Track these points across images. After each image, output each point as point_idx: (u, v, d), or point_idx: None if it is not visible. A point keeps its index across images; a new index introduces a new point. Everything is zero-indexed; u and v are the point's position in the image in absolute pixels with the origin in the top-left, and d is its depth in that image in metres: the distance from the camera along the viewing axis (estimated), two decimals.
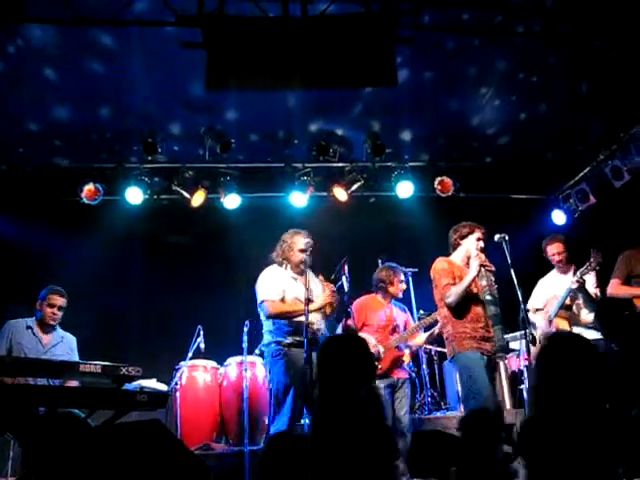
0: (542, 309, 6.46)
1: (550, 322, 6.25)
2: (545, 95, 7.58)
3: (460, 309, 5.25)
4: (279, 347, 5.42)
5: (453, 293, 5.21)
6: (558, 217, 9.01)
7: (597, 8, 6.14)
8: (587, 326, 6.22)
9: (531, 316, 6.47)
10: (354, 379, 3.49)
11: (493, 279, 5.31)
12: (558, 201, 9.09)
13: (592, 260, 6.03)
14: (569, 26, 6.40)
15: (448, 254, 5.65)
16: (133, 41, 6.21)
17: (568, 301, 6.17)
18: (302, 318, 5.19)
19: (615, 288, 6.28)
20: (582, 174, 8.61)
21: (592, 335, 6.12)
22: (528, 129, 8.02)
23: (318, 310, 5.43)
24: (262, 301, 5.53)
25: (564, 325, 6.16)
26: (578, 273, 6.09)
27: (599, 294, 6.25)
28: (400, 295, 6.43)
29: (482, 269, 5.24)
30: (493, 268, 5.30)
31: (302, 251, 5.54)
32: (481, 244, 5.44)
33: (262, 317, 5.64)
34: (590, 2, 6.16)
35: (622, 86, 7.03)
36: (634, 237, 7.20)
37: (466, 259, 5.45)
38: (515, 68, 7.16)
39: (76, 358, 5.99)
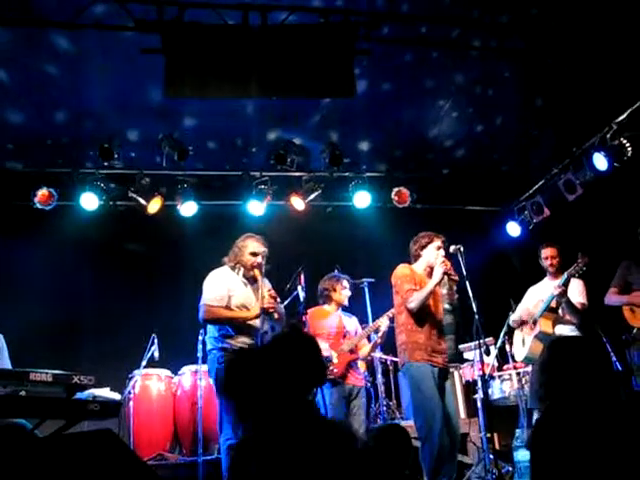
0: (528, 314, 6.53)
1: (534, 323, 6.31)
2: (501, 108, 7.71)
3: (417, 319, 5.26)
4: (224, 354, 5.24)
5: (416, 298, 5.21)
6: (513, 229, 9.14)
7: (550, 27, 6.28)
8: (571, 324, 6.26)
9: (517, 315, 6.56)
10: (303, 379, 3.46)
11: (455, 289, 5.34)
12: (513, 213, 9.21)
13: (579, 262, 6.11)
14: (523, 42, 6.52)
15: (407, 263, 5.66)
16: (91, 45, 6.16)
17: (554, 304, 6.23)
18: (255, 322, 5.15)
19: (607, 296, 6.44)
20: (536, 187, 8.75)
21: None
22: (484, 141, 8.15)
23: (256, 318, 5.28)
24: (201, 304, 5.38)
25: (547, 326, 6.19)
26: (565, 274, 6.15)
27: (586, 303, 6.29)
28: (345, 302, 6.43)
29: (445, 277, 5.27)
30: (457, 278, 5.32)
31: (253, 254, 5.43)
32: (441, 253, 5.45)
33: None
34: (543, 21, 6.30)
35: (575, 102, 7.18)
36: (587, 249, 7.35)
37: (428, 269, 5.46)
38: (472, 81, 7.28)
39: (5, 355, 5.77)
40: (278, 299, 5.40)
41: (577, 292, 6.28)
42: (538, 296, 6.46)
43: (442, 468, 4.81)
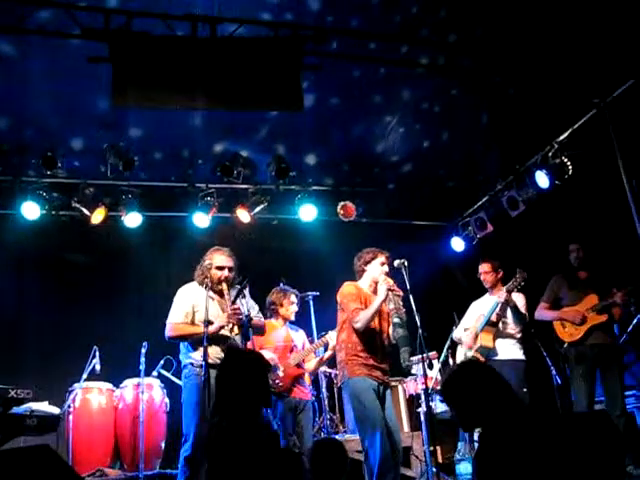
0: (469, 328, 6.60)
1: (476, 337, 6.38)
2: (447, 125, 7.83)
3: (361, 336, 5.26)
4: (192, 368, 5.30)
5: (362, 318, 5.20)
6: (457, 244, 9.28)
7: (495, 47, 6.42)
8: (512, 338, 6.35)
9: (460, 335, 6.62)
10: (250, 394, 3.49)
11: (401, 303, 5.37)
12: (457, 228, 9.36)
13: (517, 277, 6.23)
14: (470, 61, 6.65)
15: (353, 278, 5.67)
16: (35, 51, 6.03)
17: (494, 318, 6.31)
18: (236, 337, 5.25)
19: (537, 311, 6.59)
20: (480, 203, 8.91)
21: (514, 352, 6.29)
22: (430, 157, 8.25)
23: (218, 331, 5.30)
24: (167, 322, 5.42)
25: (488, 340, 6.28)
26: (504, 288, 6.27)
27: (527, 315, 6.42)
28: (292, 317, 6.42)
29: (390, 293, 5.29)
30: (401, 292, 5.34)
31: (219, 268, 5.44)
32: (385, 268, 5.47)
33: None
34: (489, 41, 6.44)
35: (519, 120, 7.34)
36: (528, 264, 7.50)
37: (373, 285, 5.47)
38: (419, 98, 7.37)
39: None
40: (241, 313, 5.36)
41: (520, 306, 6.40)
42: (480, 311, 6.56)
43: (387, 476, 4.82)
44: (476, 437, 6.17)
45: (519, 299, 6.44)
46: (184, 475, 4.99)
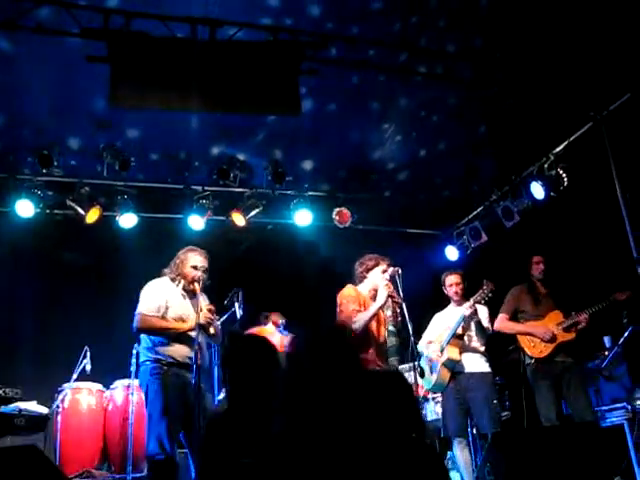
0: (434, 341, 6.57)
1: (442, 351, 6.36)
2: (444, 134, 7.85)
3: (359, 340, 5.26)
4: (157, 365, 5.08)
5: (361, 319, 5.22)
6: (451, 253, 9.28)
7: (494, 57, 6.45)
8: (476, 352, 6.34)
9: (423, 348, 6.58)
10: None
11: (398, 311, 5.37)
12: (452, 237, 9.36)
13: (485, 288, 6.22)
14: (468, 71, 6.67)
15: (347, 283, 5.66)
16: (34, 49, 6.02)
17: (460, 331, 6.30)
18: (192, 334, 5.04)
19: (500, 323, 6.53)
20: (475, 212, 8.93)
21: (481, 365, 6.28)
22: (427, 166, 8.26)
23: (191, 331, 5.11)
24: (137, 313, 5.23)
25: (454, 352, 6.26)
26: (471, 300, 6.25)
27: (490, 327, 6.41)
28: (282, 320, 6.44)
29: (389, 300, 5.30)
30: (400, 300, 5.35)
31: (194, 268, 5.34)
32: (387, 276, 5.47)
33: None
34: (488, 52, 6.46)
35: (516, 132, 7.36)
36: (522, 275, 7.51)
37: (373, 291, 5.47)
38: (417, 106, 7.39)
39: None
40: (216, 315, 5.34)
41: (484, 317, 6.39)
42: (444, 323, 6.52)
43: None
44: (458, 450, 6.14)
45: (482, 311, 6.42)
46: None
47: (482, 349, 6.33)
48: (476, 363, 6.28)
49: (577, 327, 6.24)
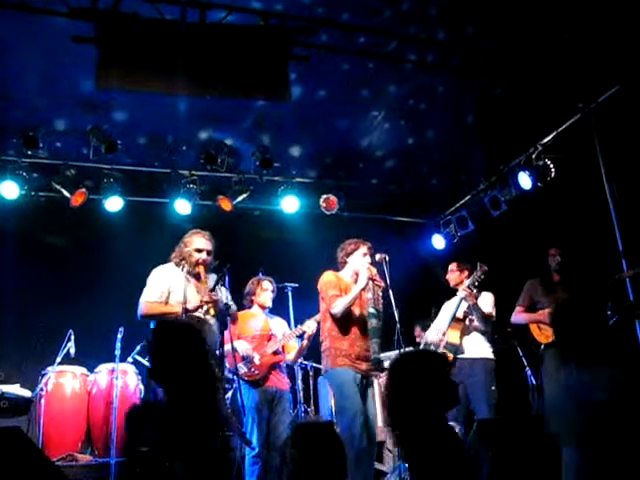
0: (438, 327, 6.60)
1: (443, 334, 6.38)
2: (432, 123, 7.84)
3: (342, 325, 5.27)
4: None
5: (340, 304, 5.22)
6: (438, 241, 9.31)
7: (485, 46, 6.44)
8: (478, 337, 6.35)
9: (432, 336, 6.61)
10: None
11: (380, 294, 5.38)
12: (439, 226, 9.38)
13: (477, 271, 6.27)
14: (458, 60, 6.66)
15: (333, 270, 5.66)
16: (19, 28, 5.93)
17: (461, 315, 6.32)
18: (211, 319, 5.13)
19: (514, 315, 6.65)
20: (463, 201, 8.95)
21: (484, 351, 6.29)
22: (415, 154, 8.26)
23: (195, 311, 5.21)
24: (140, 301, 5.31)
25: (455, 336, 6.27)
26: (466, 282, 6.30)
27: (493, 314, 6.41)
28: (268, 304, 6.40)
29: (370, 282, 5.30)
30: (382, 284, 5.36)
31: (198, 251, 5.38)
32: (367, 259, 5.48)
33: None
34: (479, 40, 6.45)
35: (504, 122, 7.36)
36: (508, 264, 7.54)
37: (355, 276, 5.47)
38: (406, 94, 7.37)
39: None
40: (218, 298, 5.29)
41: (486, 303, 6.42)
42: (448, 310, 6.57)
43: (361, 468, 4.83)
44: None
45: (487, 298, 6.45)
46: None
47: (485, 335, 6.33)
48: (478, 348, 6.30)
49: None
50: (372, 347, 5.23)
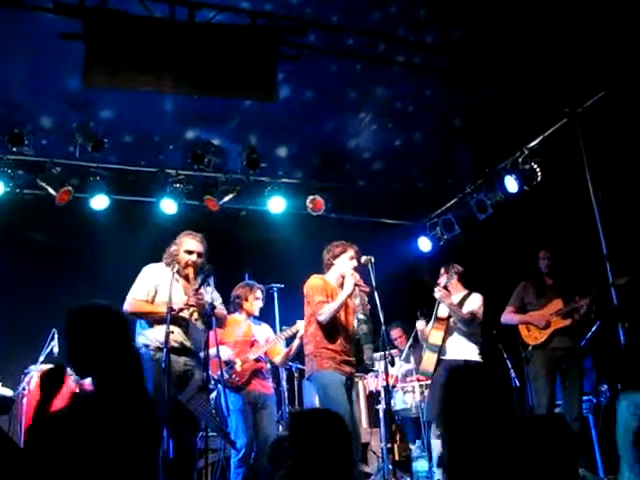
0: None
1: (429, 334, 6.38)
2: (420, 125, 7.86)
3: (327, 330, 5.26)
4: (146, 351, 5.07)
5: (326, 310, 5.20)
6: (424, 244, 9.33)
7: (473, 50, 6.47)
8: (462, 338, 6.34)
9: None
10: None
11: (367, 299, 5.37)
12: (425, 228, 9.40)
13: (451, 271, 6.31)
14: (446, 62, 6.69)
15: (319, 271, 5.65)
16: (5, 24, 5.89)
17: (444, 315, 6.32)
18: (196, 322, 5.13)
19: (504, 315, 6.66)
20: (449, 204, 8.97)
21: (467, 352, 6.24)
22: (402, 156, 8.27)
23: (177, 313, 5.10)
24: (127, 297, 5.25)
25: (437, 337, 6.25)
26: (442, 283, 6.32)
27: (477, 314, 6.37)
28: (256, 312, 6.36)
29: (356, 288, 5.29)
30: (367, 289, 5.35)
31: (188, 252, 5.35)
32: (354, 263, 5.46)
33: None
34: (467, 44, 6.48)
35: (491, 125, 7.40)
36: (493, 267, 7.57)
37: (340, 279, 5.45)
38: (393, 96, 7.39)
39: None
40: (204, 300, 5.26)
41: (473, 303, 6.41)
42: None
43: None
44: (434, 436, 6.19)
45: (475, 298, 6.44)
46: None
47: (470, 337, 6.27)
48: (462, 350, 6.25)
49: (579, 313, 6.29)
50: (366, 353, 5.24)
